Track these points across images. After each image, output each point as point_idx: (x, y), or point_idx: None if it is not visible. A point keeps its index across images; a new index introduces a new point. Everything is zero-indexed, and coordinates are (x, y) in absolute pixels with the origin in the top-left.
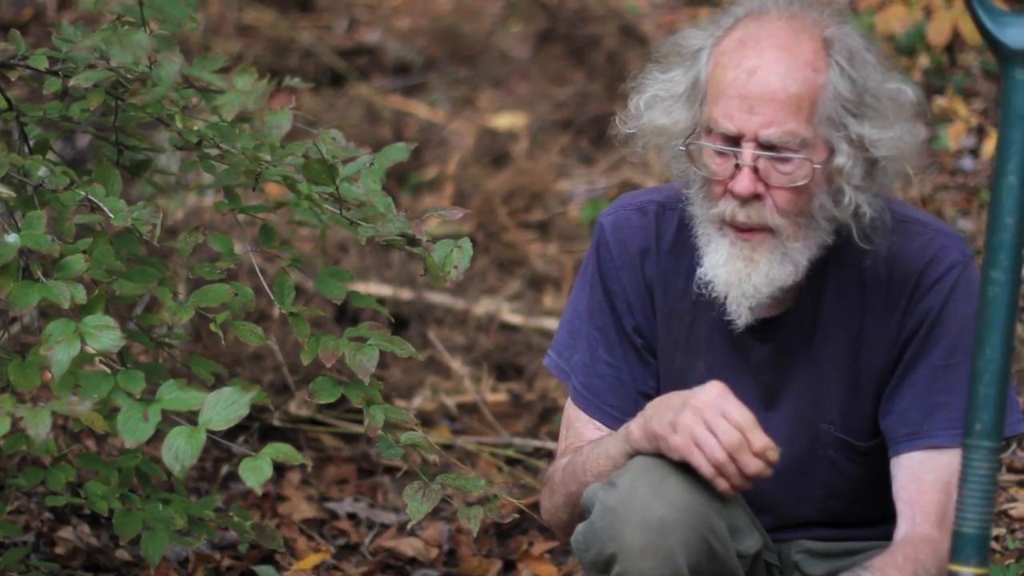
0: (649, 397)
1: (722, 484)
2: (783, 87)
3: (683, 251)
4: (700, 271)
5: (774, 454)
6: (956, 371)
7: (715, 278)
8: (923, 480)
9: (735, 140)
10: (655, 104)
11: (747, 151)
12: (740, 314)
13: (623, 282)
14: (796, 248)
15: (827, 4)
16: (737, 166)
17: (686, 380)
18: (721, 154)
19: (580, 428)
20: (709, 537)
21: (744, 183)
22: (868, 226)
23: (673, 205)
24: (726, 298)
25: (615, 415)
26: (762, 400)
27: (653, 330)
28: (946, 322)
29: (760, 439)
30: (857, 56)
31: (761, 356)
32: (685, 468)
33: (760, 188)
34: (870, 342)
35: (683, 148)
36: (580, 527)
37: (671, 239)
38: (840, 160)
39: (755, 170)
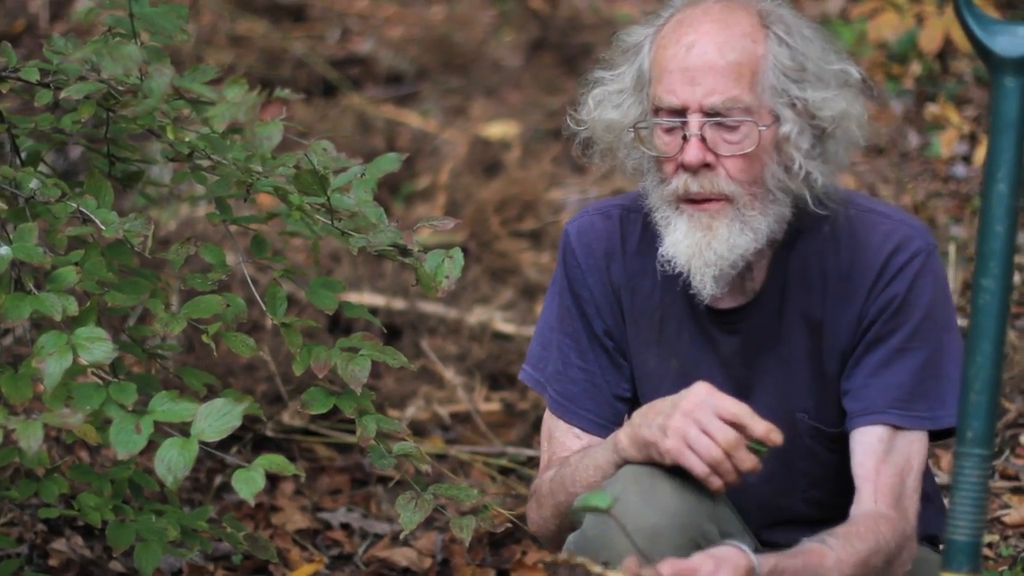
0: (624, 400)
1: (715, 482)
2: (721, 55)
3: (649, 252)
4: (661, 250)
5: (778, 436)
6: (914, 355)
7: (676, 253)
8: (879, 457)
9: (681, 114)
10: (604, 100)
11: (693, 120)
12: (705, 284)
13: (590, 286)
14: (753, 216)
15: None
16: (684, 138)
17: (662, 380)
18: (669, 131)
19: (560, 437)
20: (701, 542)
21: (692, 151)
22: (821, 193)
23: (637, 208)
24: (689, 272)
25: (592, 419)
26: (736, 392)
27: (623, 332)
28: (909, 308)
29: (761, 424)
30: (794, 28)
31: (730, 348)
32: (674, 475)
33: (710, 158)
34: (833, 329)
35: (632, 131)
36: (571, 537)
37: (636, 240)
38: (786, 128)
39: (703, 140)
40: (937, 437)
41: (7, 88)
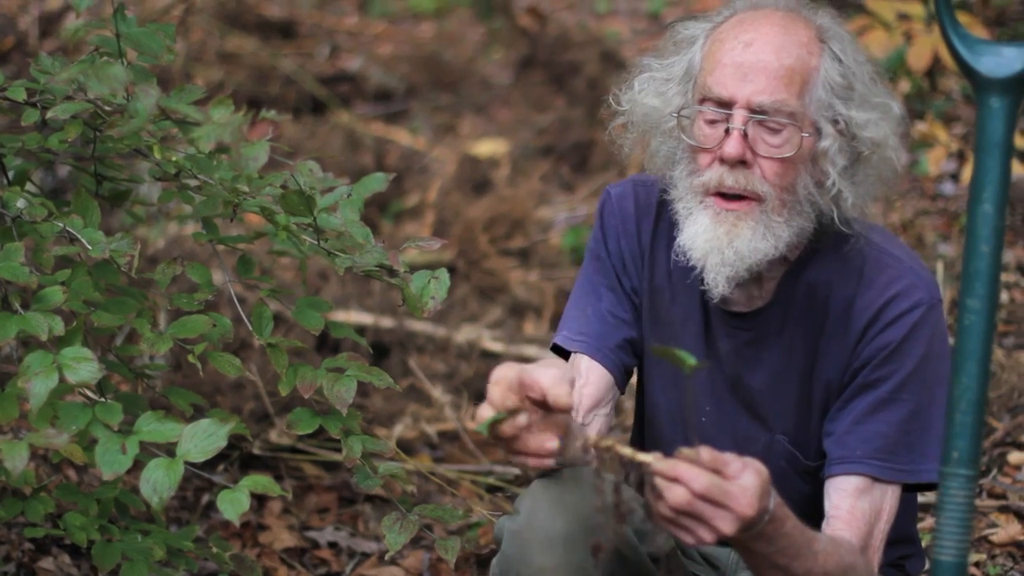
0: (636, 354)
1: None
2: (777, 58)
3: (676, 234)
4: (679, 240)
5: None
6: (900, 407)
7: (694, 246)
8: (854, 505)
9: (727, 107)
10: (648, 88)
11: (738, 115)
12: (718, 283)
13: (621, 245)
14: (778, 223)
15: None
16: (727, 131)
17: (660, 359)
18: (712, 123)
19: (585, 372)
20: (618, 544)
21: (734, 145)
22: (848, 214)
23: None
24: (703, 267)
25: (613, 359)
26: (727, 391)
27: (641, 298)
28: (901, 358)
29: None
30: (849, 49)
31: (728, 349)
32: (582, 481)
33: (748, 155)
34: (826, 360)
35: (675, 116)
36: (494, 561)
37: (670, 219)
38: (826, 143)
39: (744, 136)
40: (923, 488)
41: None
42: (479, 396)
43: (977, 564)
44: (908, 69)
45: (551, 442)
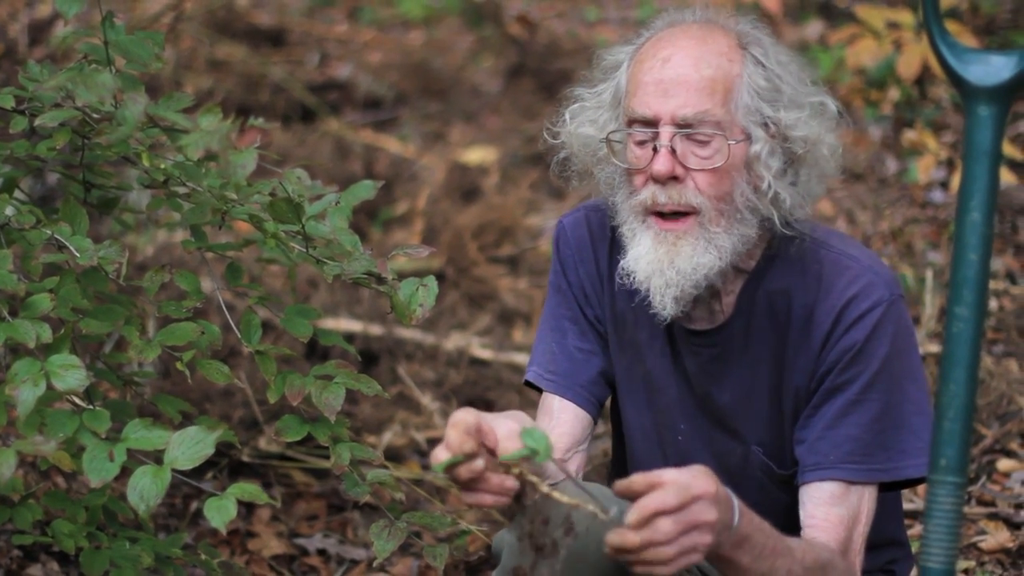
0: (609, 385)
1: (467, 497)
2: (696, 70)
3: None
4: (623, 263)
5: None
6: (869, 407)
7: (636, 268)
8: (829, 512)
9: (653, 125)
10: (581, 115)
11: (664, 132)
12: (665, 304)
13: (580, 275)
14: (718, 234)
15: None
16: (655, 149)
17: (631, 381)
18: (640, 143)
19: (558, 413)
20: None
21: (662, 162)
22: (788, 213)
23: None
24: (648, 288)
25: (587, 396)
26: (698, 408)
27: (605, 325)
28: (866, 358)
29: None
30: (771, 52)
31: (695, 368)
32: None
33: (679, 170)
34: (793, 369)
35: (603, 140)
36: (495, 573)
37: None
38: (757, 147)
39: (673, 152)
40: (904, 485)
41: None
42: (468, 403)
43: (966, 571)
44: (898, 77)
45: (509, 481)
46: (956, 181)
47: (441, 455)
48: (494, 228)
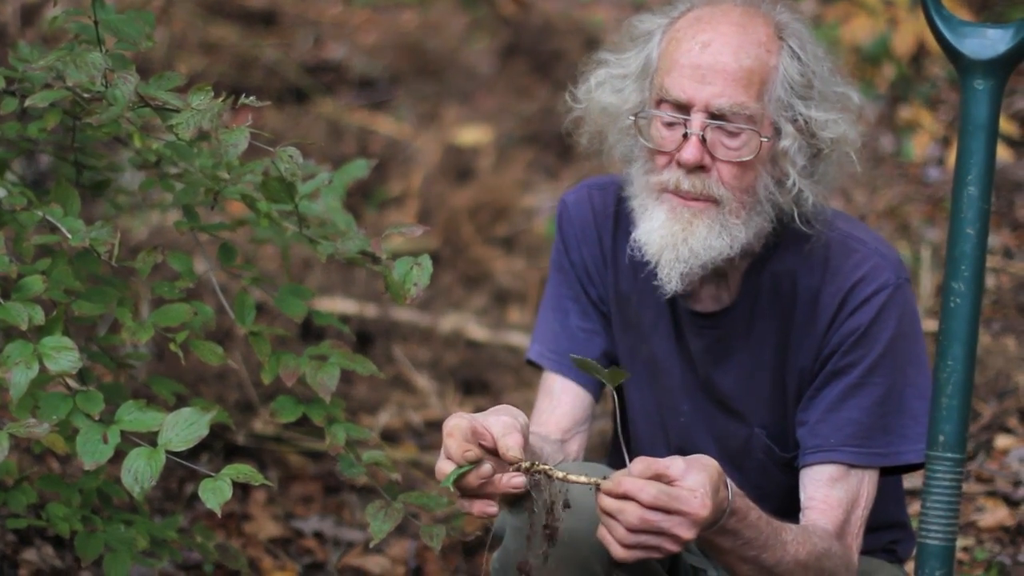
0: (613, 363)
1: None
2: (736, 59)
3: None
4: (634, 235)
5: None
6: (872, 391)
7: (649, 240)
8: (828, 495)
9: (685, 110)
10: (605, 83)
11: (696, 119)
12: (671, 279)
13: (583, 254)
14: (736, 224)
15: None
16: (685, 136)
17: (633, 361)
18: (669, 125)
19: (559, 393)
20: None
21: (691, 151)
22: (809, 212)
23: None
24: (657, 263)
25: (588, 376)
26: (702, 390)
27: (608, 305)
28: (870, 341)
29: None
30: (808, 45)
31: (699, 349)
32: (588, 471)
33: (707, 159)
34: (797, 350)
35: (632, 119)
36: (496, 554)
37: (629, 221)
38: (786, 143)
39: (702, 140)
40: (906, 470)
41: None
42: (464, 384)
43: (965, 549)
44: (892, 54)
45: (517, 479)
46: (952, 158)
47: (445, 467)
48: (489, 208)
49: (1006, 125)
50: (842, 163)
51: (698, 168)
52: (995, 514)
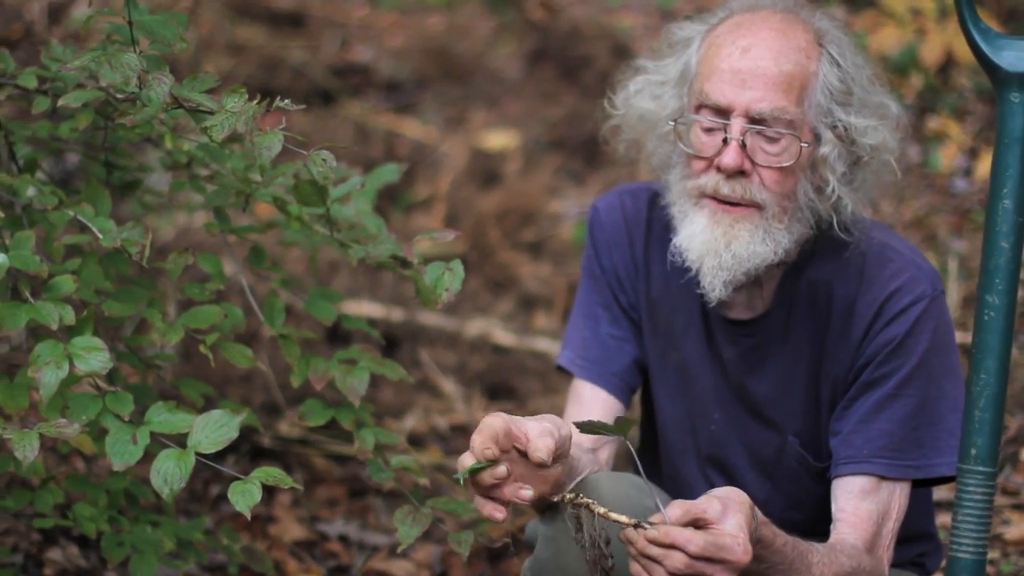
0: (643, 371)
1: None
2: (776, 64)
3: (670, 240)
4: (675, 241)
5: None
6: (905, 402)
7: (690, 247)
8: (859, 507)
9: (725, 115)
10: (643, 90)
11: (736, 124)
12: (715, 287)
13: (614, 260)
14: (779, 230)
15: (820, 8)
16: (725, 141)
17: (663, 369)
18: (709, 131)
19: (588, 401)
20: None
21: (732, 155)
22: (848, 220)
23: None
24: (699, 269)
25: (618, 383)
26: (734, 397)
27: (639, 312)
28: (905, 353)
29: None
30: (848, 52)
31: (732, 357)
32: (620, 484)
33: (747, 164)
34: (832, 359)
35: (672, 124)
36: (527, 563)
37: (662, 228)
38: (825, 149)
39: (743, 146)
40: (937, 482)
41: (4, 95)
42: (490, 389)
43: (991, 562)
44: (920, 64)
45: (525, 491)
46: (979, 169)
47: (465, 461)
48: (516, 213)
49: None
50: (881, 171)
51: (738, 173)
52: (1021, 527)
